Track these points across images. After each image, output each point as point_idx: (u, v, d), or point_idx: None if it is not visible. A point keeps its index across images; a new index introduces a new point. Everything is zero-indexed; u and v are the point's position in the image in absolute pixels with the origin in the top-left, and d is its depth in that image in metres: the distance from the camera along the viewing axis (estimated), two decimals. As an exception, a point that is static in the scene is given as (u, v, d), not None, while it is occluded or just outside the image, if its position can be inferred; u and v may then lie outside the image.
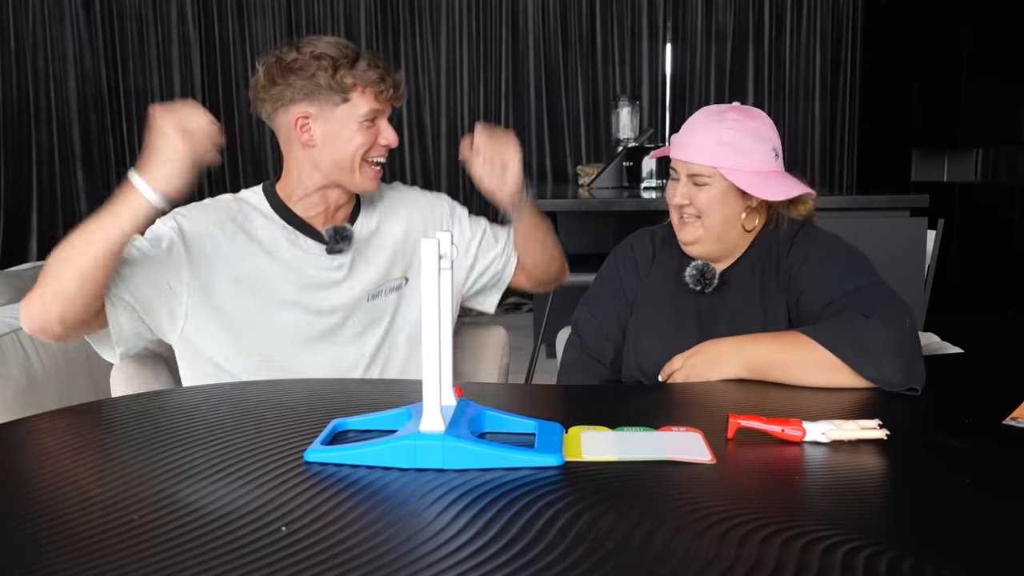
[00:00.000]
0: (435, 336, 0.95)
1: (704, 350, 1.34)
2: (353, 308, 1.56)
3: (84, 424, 1.15)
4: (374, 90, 1.49)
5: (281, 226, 1.55)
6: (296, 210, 1.56)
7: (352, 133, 1.49)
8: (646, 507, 0.85)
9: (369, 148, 1.51)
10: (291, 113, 1.49)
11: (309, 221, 1.56)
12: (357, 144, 1.50)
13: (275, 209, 1.56)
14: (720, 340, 1.35)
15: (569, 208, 3.40)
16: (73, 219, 5.56)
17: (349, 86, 1.47)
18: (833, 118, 5.68)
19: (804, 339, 1.27)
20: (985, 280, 4.45)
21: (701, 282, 1.47)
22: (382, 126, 1.53)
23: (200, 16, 5.53)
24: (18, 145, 5.51)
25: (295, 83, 1.47)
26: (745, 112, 1.45)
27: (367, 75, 1.48)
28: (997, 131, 4.51)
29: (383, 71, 1.50)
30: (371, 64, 1.49)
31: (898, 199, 3.10)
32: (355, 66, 1.48)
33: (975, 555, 0.76)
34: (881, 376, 1.22)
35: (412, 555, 0.75)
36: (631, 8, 5.57)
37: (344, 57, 1.47)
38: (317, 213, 1.57)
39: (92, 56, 5.50)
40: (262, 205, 1.57)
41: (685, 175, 1.46)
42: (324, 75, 1.46)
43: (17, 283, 2.44)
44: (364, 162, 1.52)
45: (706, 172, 1.43)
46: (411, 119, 5.59)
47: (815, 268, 1.42)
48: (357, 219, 1.61)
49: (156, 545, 0.77)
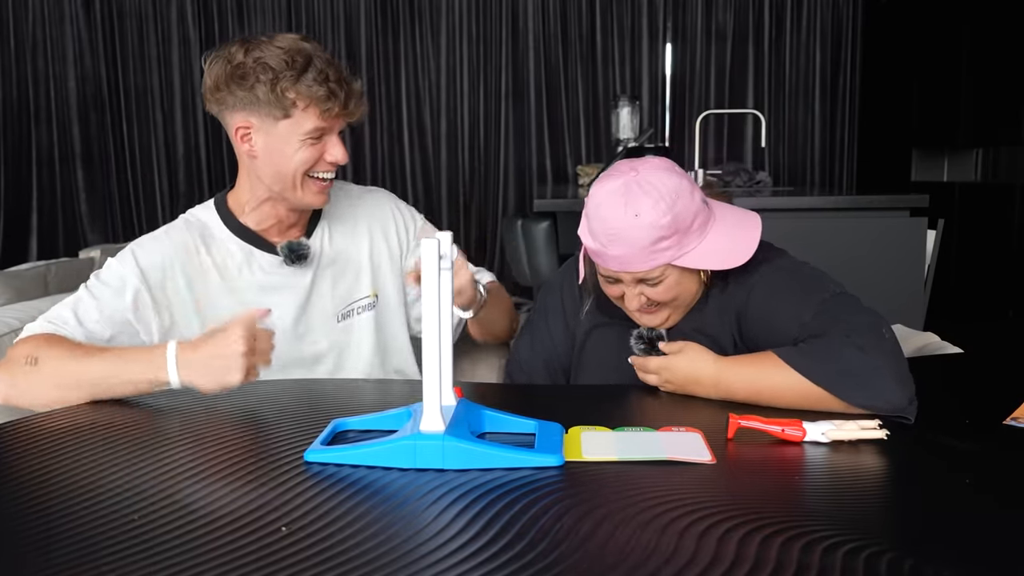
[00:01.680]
0: (435, 336, 0.95)
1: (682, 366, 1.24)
2: (324, 331, 1.52)
3: (84, 424, 1.15)
4: (319, 108, 1.37)
5: (236, 244, 1.49)
6: (247, 223, 1.50)
7: (293, 150, 1.40)
8: (646, 507, 0.85)
9: (313, 165, 1.42)
10: (234, 120, 1.41)
11: (262, 234, 1.50)
12: (299, 161, 1.40)
13: (227, 224, 1.50)
14: (702, 357, 1.23)
15: (569, 208, 3.40)
16: (73, 219, 5.56)
17: (290, 102, 1.37)
18: (833, 118, 5.68)
19: (786, 369, 1.16)
20: (985, 280, 4.45)
21: (647, 344, 1.30)
22: (329, 143, 1.42)
23: (200, 16, 5.53)
24: (18, 145, 5.51)
25: (236, 92, 1.38)
26: (652, 187, 1.23)
27: (311, 91, 1.36)
28: (997, 131, 4.51)
29: (333, 86, 1.37)
30: (319, 78, 1.36)
31: (898, 199, 3.10)
32: (300, 80, 1.36)
33: (975, 555, 0.76)
34: (874, 406, 1.12)
35: (412, 555, 0.75)
36: (631, 8, 5.57)
37: (289, 69, 1.36)
38: (270, 226, 1.50)
39: (92, 56, 5.49)
40: (213, 223, 1.51)
41: (631, 281, 1.30)
42: (263, 88, 1.36)
43: (17, 283, 2.43)
44: (308, 177, 1.43)
45: (656, 273, 1.28)
46: (411, 119, 5.58)
47: (764, 300, 1.29)
48: (314, 232, 1.54)
49: (156, 545, 0.77)
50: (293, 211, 1.50)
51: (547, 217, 3.49)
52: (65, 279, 2.77)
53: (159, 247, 1.47)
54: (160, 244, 1.47)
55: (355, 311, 1.55)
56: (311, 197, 1.45)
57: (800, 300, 1.25)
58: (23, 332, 1.36)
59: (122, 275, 1.42)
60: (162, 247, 1.47)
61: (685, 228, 1.25)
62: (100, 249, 3.25)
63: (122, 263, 1.44)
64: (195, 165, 5.61)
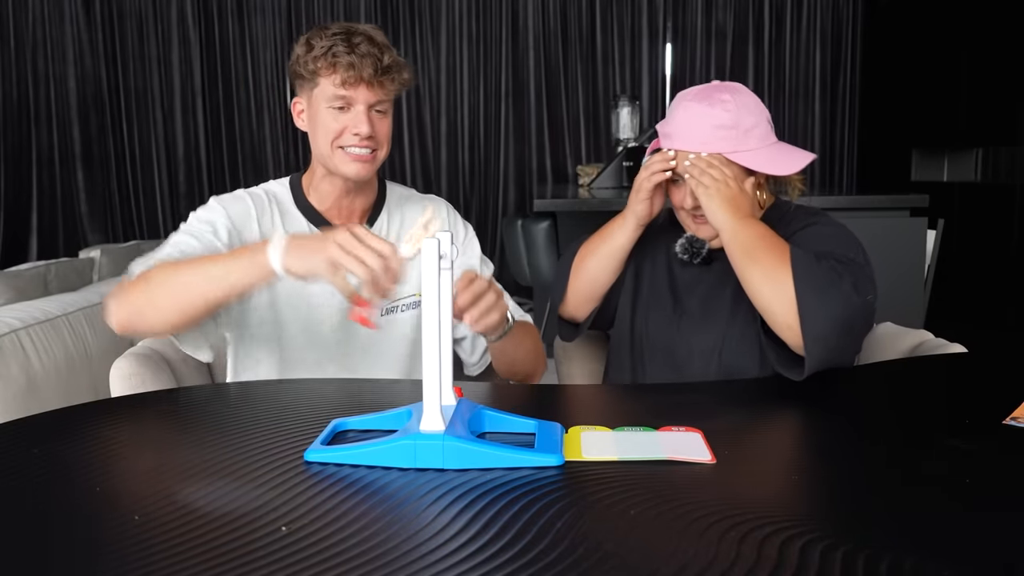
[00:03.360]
0: (435, 336, 0.95)
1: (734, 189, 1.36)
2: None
3: (84, 424, 1.15)
4: (340, 75, 1.41)
5: (303, 222, 1.53)
6: (312, 200, 1.54)
7: (323, 119, 1.45)
8: (646, 507, 0.85)
9: (339, 134, 1.45)
10: (295, 100, 1.51)
11: (325, 215, 1.54)
12: (326, 129, 1.45)
13: (296, 202, 1.55)
14: (741, 194, 1.36)
15: (569, 208, 3.40)
16: (73, 219, 5.56)
17: (317, 69, 1.43)
18: (833, 118, 5.68)
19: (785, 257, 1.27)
20: (985, 280, 4.45)
21: (689, 251, 1.46)
22: (353, 112, 1.44)
23: (200, 16, 5.53)
24: (18, 145, 5.51)
25: (294, 79, 1.49)
26: (730, 89, 1.42)
27: (333, 58, 1.41)
28: (997, 131, 4.51)
29: (355, 54, 1.40)
30: (343, 47, 1.41)
31: (898, 199, 3.10)
32: (330, 49, 1.41)
33: (975, 555, 0.76)
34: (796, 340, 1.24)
35: (412, 555, 0.75)
36: (631, 8, 5.57)
37: (320, 39, 1.42)
38: (330, 206, 1.54)
39: (92, 56, 5.50)
40: (286, 197, 1.56)
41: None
42: (301, 60, 1.45)
43: (17, 283, 2.43)
44: (339, 149, 1.46)
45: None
46: (411, 119, 5.59)
47: (809, 236, 1.40)
48: (376, 222, 1.58)
49: (156, 545, 0.77)
50: (348, 192, 1.53)
51: (547, 217, 3.49)
52: (65, 279, 2.77)
53: (242, 204, 1.51)
54: (242, 201, 1.51)
55: (399, 308, 1.56)
56: (345, 166, 1.47)
57: (830, 246, 1.35)
58: (132, 266, 1.37)
59: (212, 219, 1.46)
60: (244, 204, 1.51)
61: (746, 129, 1.38)
62: (100, 249, 3.25)
63: (209, 211, 1.48)
64: (195, 165, 5.61)
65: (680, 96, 1.45)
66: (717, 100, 1.39)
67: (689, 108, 1.40)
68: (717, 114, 1.38)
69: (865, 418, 1.15)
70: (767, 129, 1.42)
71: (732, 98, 1.39)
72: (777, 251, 1.29)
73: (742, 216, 1.34)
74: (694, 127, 1.39)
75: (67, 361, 1.96)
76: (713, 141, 1.38)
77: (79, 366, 2.00)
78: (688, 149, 1.40)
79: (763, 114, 1.42)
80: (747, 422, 1.15)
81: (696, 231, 1.47)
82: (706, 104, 1.39)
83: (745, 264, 1.30)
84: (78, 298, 2.15)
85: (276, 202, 1.54)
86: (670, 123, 1.44)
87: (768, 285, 1.27)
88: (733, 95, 1.39)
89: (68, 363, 1.96)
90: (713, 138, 1.38)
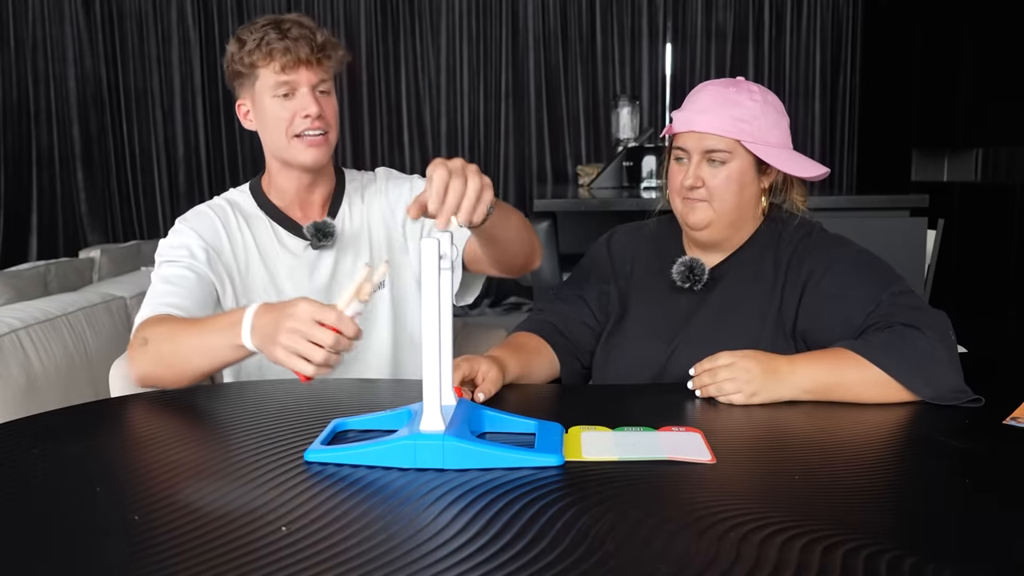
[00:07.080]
0: (435, 336, 0.95)
1: (751, 364, 1.19)
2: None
3: (83, 424, 1.15)
4: (278, 61, 1.42)
5: (267, 222, 1.55)
6: (273, 199, 1.55)
7: (271, 110, 1.45)
8: (646, 507, 0.85)
9: (291, 122, 1.45)
10: (237, 103, 1.51)
11: (287, 211, 1.55)
12: (275, 119, 1.45)
13: (259, 204, 1.56)
14: (764, 354, 1.22)
15: (569, 208, 3.40)
16: (73, 219, 5.56)
17: (254, 62, 1.43)
18: (833, 118, 5.68)
19: (858, 359, 1.19)
20: (985, 280, 4.45)
21: (689, 279, 1.36)
22: (299, 96, 1.44)
23: (200, 16, 5.53)
24: (18, 145, 5.50)
25: (232, 80, 1.49)
26: (759, 87, 1.38)
27: (268, 46, 1.41)
28: (997, 131, 4.51)
29: (289, 39, 1.41)
30: (276, 34, 1.41)
31: (898, 199, 3.09)
32: (263, 39, 1.42)
33: (975, 555, 0.76)
34: (938, 395, 1.18)
35: (412, 555, 0.75)
36: (631, 8, 5.56)
37: (251, 32, 1.43)
38: (291, 201, 1.55)
39: (92, 56, 5.49)
40: (246, 201, 1.57)
41: (699, 152, 1.34)
42: (236, 57, 1.44)
43: (17, 283, 2.43)
44: (295, 138, 1.46)
45: (725, 147, 1.33)
46: (411, 119, 5.58)
47: (842, 276, 1.33)
48: (339, 212, 1.58)
49: (156, 544, 0.77)
50: (307, 184, 1.53)
51: (547, 217, 3.49)
52: (65, 279, 2.77)
53: (206, 219, 1.52)
54: (206, 216, 1.53)
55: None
56: (302, 155, 1.48)
57: (877, 284, 1.31)
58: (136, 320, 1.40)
59: (185, 243, 1.48)
60: (208, 218, 1.52)
61: (766, 125, 1.34)
62: (100, 249, 3.25)
63: (179, 235, 1.49)
64: (195, 165, 5.61)
65: (705, 83, 1.40)
66: (745, 90, 1.35)
67: (716, 92, 1.36)
68: (743, 101, 1.33)
69: (865, 418, 1.15)
70: (786, 135, 1.39)
71: (760, 93, 1.36)
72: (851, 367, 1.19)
73: (788, 372, 1.20)
74: (718, 111, 1.33)
75: (67, 361, 1.96)
76: (734, 128, 1.32)
77: (79, 366, 2.00)
78: (709, 131, 1.32)
79: (785, 119, 1.39)
80: (747, 422, 1.15)
81: (687, 215, 1.37)
82: (733, 90, 1.35)
83: (847, 398, 1.21)
84: (78, 298, 2.15)
85: (238, 209, 1.55)
86: (693, 105, 1.37)
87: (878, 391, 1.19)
88: (761, 91, 1.37)
89: (68, 363, 1.96)
90: (734, 126, 1.32)
